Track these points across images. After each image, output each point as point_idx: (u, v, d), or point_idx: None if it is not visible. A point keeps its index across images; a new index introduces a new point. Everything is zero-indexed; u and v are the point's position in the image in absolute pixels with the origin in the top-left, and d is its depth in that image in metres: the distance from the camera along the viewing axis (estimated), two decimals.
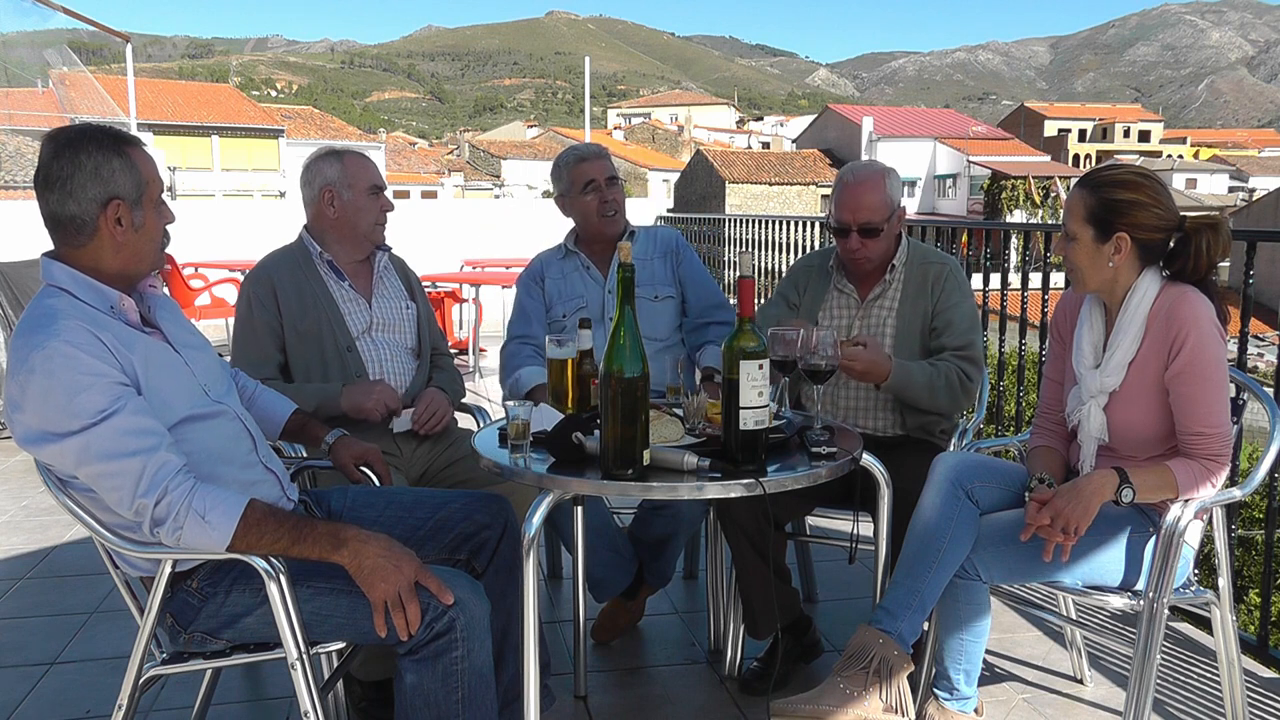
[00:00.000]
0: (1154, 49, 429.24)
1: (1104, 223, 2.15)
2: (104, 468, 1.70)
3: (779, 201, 40.16)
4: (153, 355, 1.83)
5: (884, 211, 2.62)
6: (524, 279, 3.18)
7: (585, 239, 3.13)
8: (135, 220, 1.80)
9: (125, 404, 1.71)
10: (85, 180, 1.74)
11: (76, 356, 1.68)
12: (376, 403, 2.60)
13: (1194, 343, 2.09)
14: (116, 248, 1.80)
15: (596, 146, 3.14)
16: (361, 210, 2.73)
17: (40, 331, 1.71)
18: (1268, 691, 2.66)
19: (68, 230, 1.78)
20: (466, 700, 1.82)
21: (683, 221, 10.51)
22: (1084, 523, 2.07)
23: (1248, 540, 6.31)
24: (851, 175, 2.68)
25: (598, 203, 3.01)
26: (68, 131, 1.79)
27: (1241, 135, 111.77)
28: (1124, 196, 2.14)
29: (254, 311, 2.68)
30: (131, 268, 1.84)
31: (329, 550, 1.76)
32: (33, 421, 1.71)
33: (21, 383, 1.69)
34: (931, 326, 2.67)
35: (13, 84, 31.97)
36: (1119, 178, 2.18)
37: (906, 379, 2.52)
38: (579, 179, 3.01)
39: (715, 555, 2.85)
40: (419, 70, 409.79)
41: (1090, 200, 2.17)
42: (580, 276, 3.11)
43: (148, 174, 1.81)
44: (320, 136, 46.55)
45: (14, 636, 2.97)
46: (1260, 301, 3.45)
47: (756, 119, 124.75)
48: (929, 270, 2.71)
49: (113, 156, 1.76)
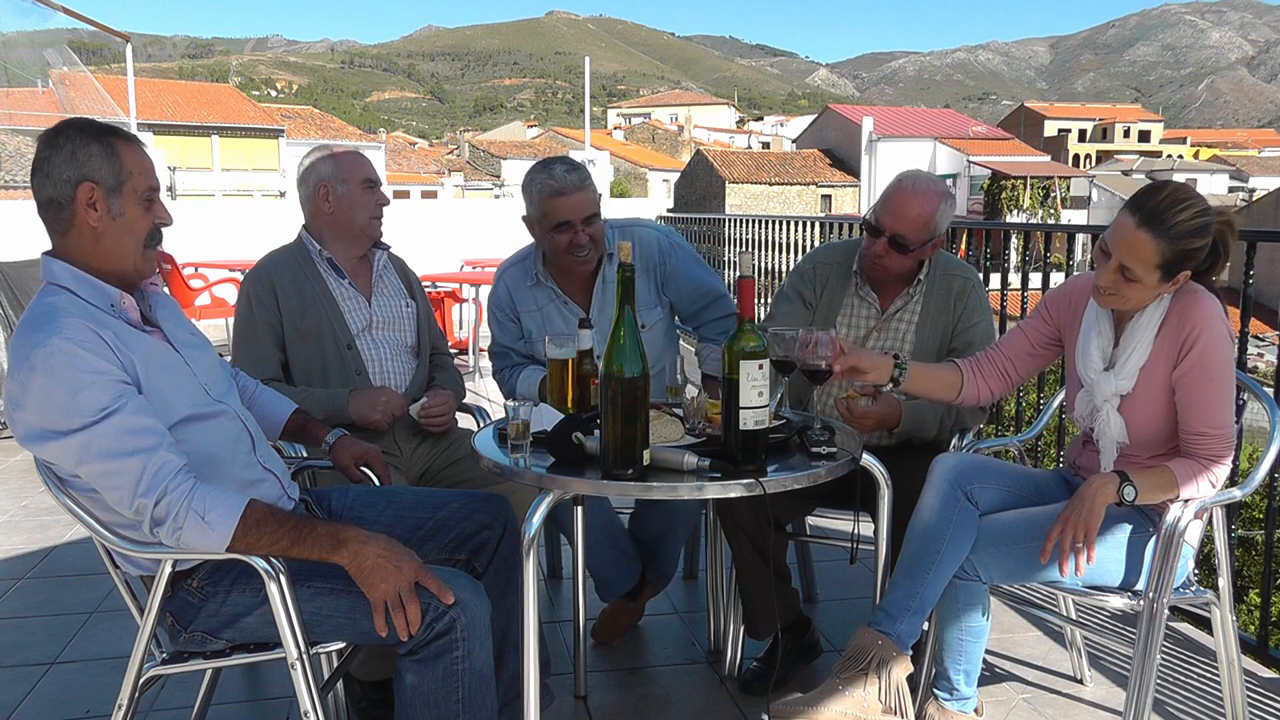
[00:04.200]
0: (1154, 49, 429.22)
1: (1174, 268, 2.08)
2: (104, 466, 1.70)
3: (779, 201, 40.18)
4: (153, 354, 1.83)
5: (923, 233, 2.54)
6: (495, 310, 2.94)
7: (556, 266, 2.85)
8: (112, 208, 1.79)
9: (126, 403, 1.71)
10: (61, 163, 1.76)
11: (78, 354, 1.68)
12: (384, 414, 2.60)
13: (1205, 342, 2.08)
14: (95, 235, 1.79)
15: (576, 176, 2.68)
16: (356, 204, 2.72)
17: (41, 329, 1.71)
18: (1268, 691, 2.66)
19: (49, 215, 1.80)
20: (467, 701, 1.82)
21: (683, 221, 10.50)
22: (1093, 526, 2.06)
23: (1248, 540, 6.31)
24: (912, 183, 2.57)
25: (568, 244, 2.71)
26: (58, 123, 1.82)
27: (1241, 135, 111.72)
28: (1199, 245, 2.07)
29: (254, 310, 2.68)
30: (114, 261, 1.82)
31: (329, 551, 1.76)
32: (34, 419, 1.71)
33: (23, 380, 1.69)
34: (951, 346, 2.67)
35: (13, 84, 31.98)
36: (1193, 226, 2.05)
37: (918, 420, 2.55)
38: (551, 215, 2.68)
39: (715, 555, 2.85)
40: (419, 70, 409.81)
41: (1165, 249, 2.05)
42: (558, 310, 2.86)
43: (132, 166, 1.80)
44: (320, 136, 46.53)
45: (14, 636, 2.97)
46: (1260, 301, 3.44)
47: (756, 119, 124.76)
48: (952, 284, 2.68)
49: (90, 142, 1.77)
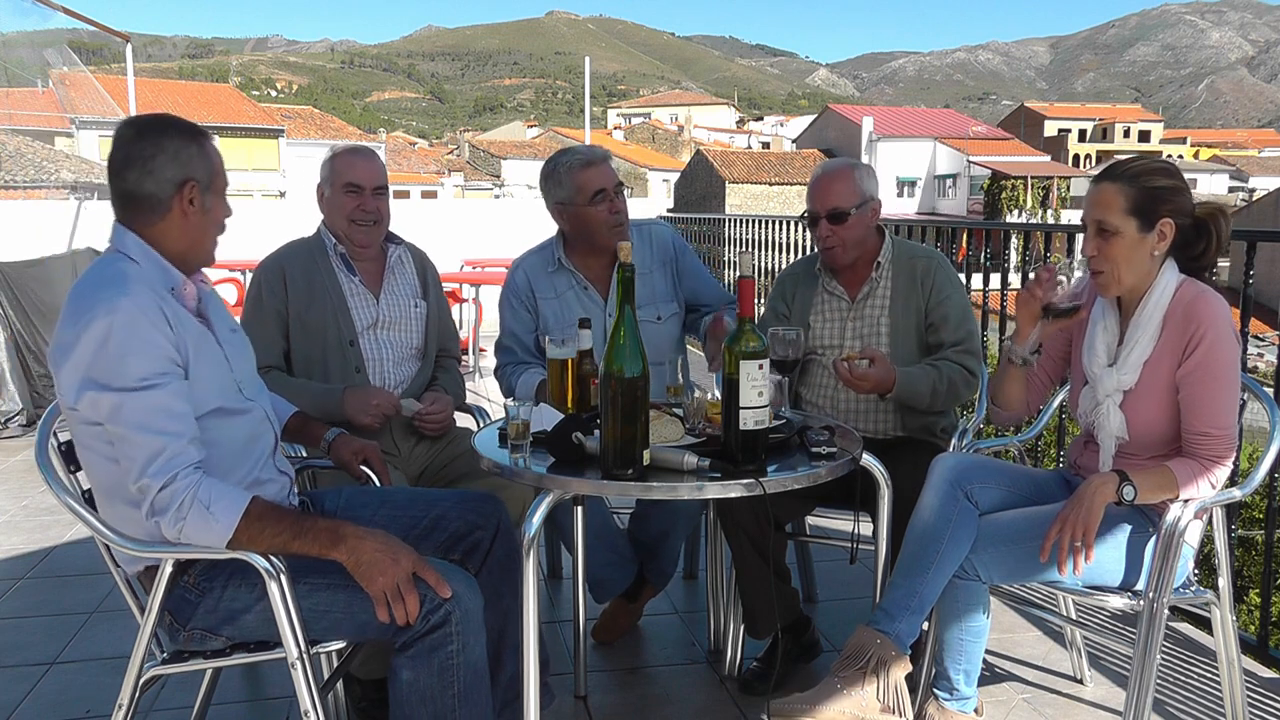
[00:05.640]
0: (1154, 49, 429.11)
1: (1148, 212, 2.10)
2: (128, 434, 1.72)
3: (779, 201, 40.15)
4: (201, 344, 1.87)
5: (851, 199, 2.65)
6: (510, 297, 2.92)
7: (580, 251, 2.88)
8: (205, 204, 1.91)
9: (169, 383, 1.75)
10: (166, 161, 1.85)
11: (139, 321, 1.74)
12: (374, 417, 2.61)
13: (1210, 342, 2.08)
14: (185, 228, 1.89)
15: (600, 149, 2.85)
16: (335, 207, 2.74)
17: (111, 287, 1.76)
18: (1268, 691, 2.66)
19: (141, 208, 1.86)
20: (462, 695, 1.82)
21: (683, 221, 10.51)
22: (1092, 525, 2.06)
23: (1248, 540, 6.31)
24: (821, 169, 2.76)
25: (608, 213, 2.76)
26: (147, 118, 1.91)
27: (1241, 135, 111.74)
28: (1164, 183, 2.11)
29: (263, 296, 2.72)
30: (193, 250, 1.92)
31: (328, 546, 1.77)
32: (79, 368, 1.73)
33: (79, 331, 1.73)
34: (928, 323, 2.69)
35: (13, 84, 31.96)
36: (1151, 166, 2.15)
37: (911, 386, 2.54)
38: (587, 187, 2.74)
39: (715, 555, 2.85)
40: (419, 70, 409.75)
41: (1130, 191, 2.10)
42: (577, 297, 2.87)
43: (219, 165, 1.94)
44: (320, 136, 46.57)
45: (14, 636, 2.97)
46: (1260, 301, 3.45)
47: (756, 119, 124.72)
48: (916, 265, 2.73)
49: (190, 143, 1.89)
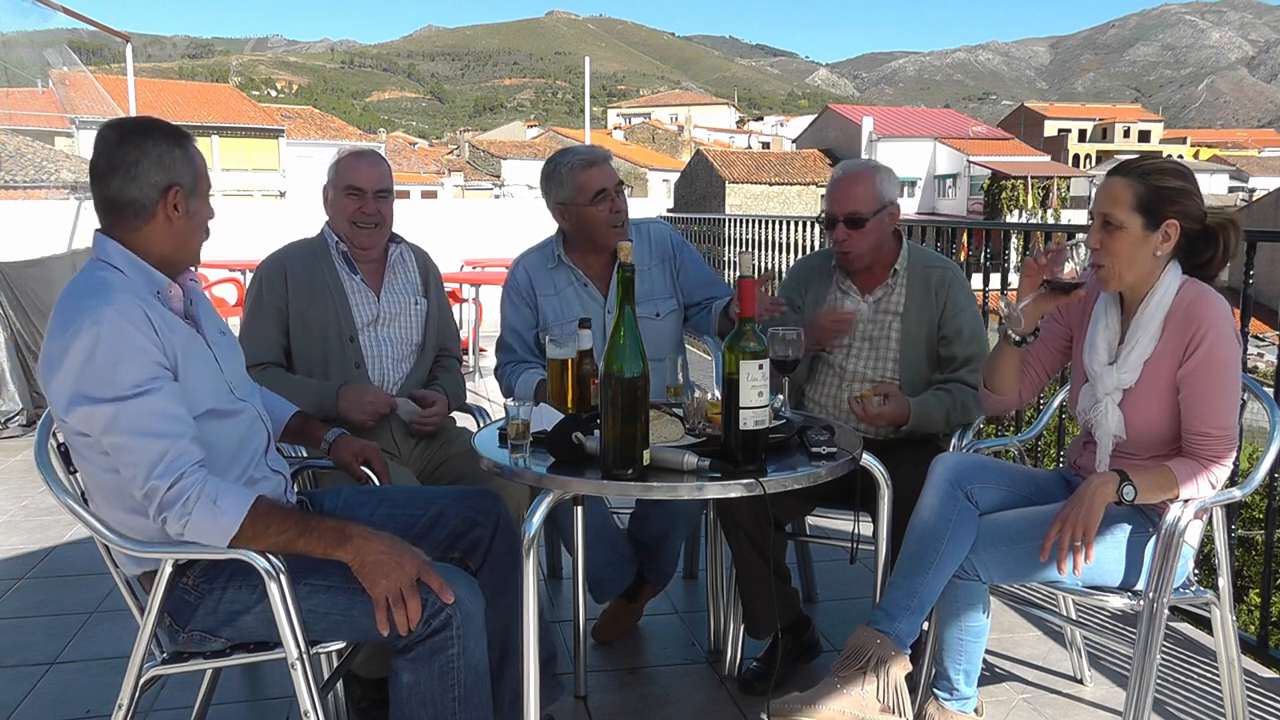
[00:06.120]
0: (1154, 49, 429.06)
1: (1154, 210, 2.11)
2: (128, 441, 1.72)
3: (779, 201, 40.15)
4: (190, 346, 1.87)
5: (871, 204, 2.65)
6: (511, 294, 2.96)
7: (580, 249, 2.91)
8: (190, 208, 1.89)
9: (162, 386, 1.75)
10: (150, 167, 1.83)
11: (125, 328, 1.72)
12: (368, 416, 2.63)
13: (1211, 342, 2.08)
14: (169, 232, 1.88)
15: (600, 149, 2.89)
16: (338, 208, 2.77)
17: (94, 297, 1.75)
18: (1268, 691, 2.66)
19: (125, 214, 1.85)
20: (463, 698, 1.82)
21: (683, 221, 10.51)
22: (1092, 525, 2.06)
23: (1248, 540, 6.30)
24: (842, 170, 2.75)
25: (609, 213, 2.80)
26: (129, 122, 1.89)
27: (1241, 135, 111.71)
28: (1173, 184, 2.12)
29: (264, 293, 2.73)
30: (177, 254, 1.91)
31: (333, 546, 1.77)
32: (69, 382, 1.72)
33: (66, 343, 1.72)
34: (940, 335, 2.71)
35: (13, 84, 31.93)
36: (1163, 166, 2.16)
37: (926, 416, 2.60)
38: (588, 187, 2.78)
39: (715, 555, 2.85)
40: (419, 70, 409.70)
41: (1139, 188, 2.11)
42: (576, 294, 2.90)
43: (201, 168, 1.92)
44: (320, 137, 46.56)
45: (14, 636, 2.97)
46: (1260, 301, 3.44)
47: (756, 119, 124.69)
48: (931, 275, 2.73)
49: (174, 147, 1.86)
